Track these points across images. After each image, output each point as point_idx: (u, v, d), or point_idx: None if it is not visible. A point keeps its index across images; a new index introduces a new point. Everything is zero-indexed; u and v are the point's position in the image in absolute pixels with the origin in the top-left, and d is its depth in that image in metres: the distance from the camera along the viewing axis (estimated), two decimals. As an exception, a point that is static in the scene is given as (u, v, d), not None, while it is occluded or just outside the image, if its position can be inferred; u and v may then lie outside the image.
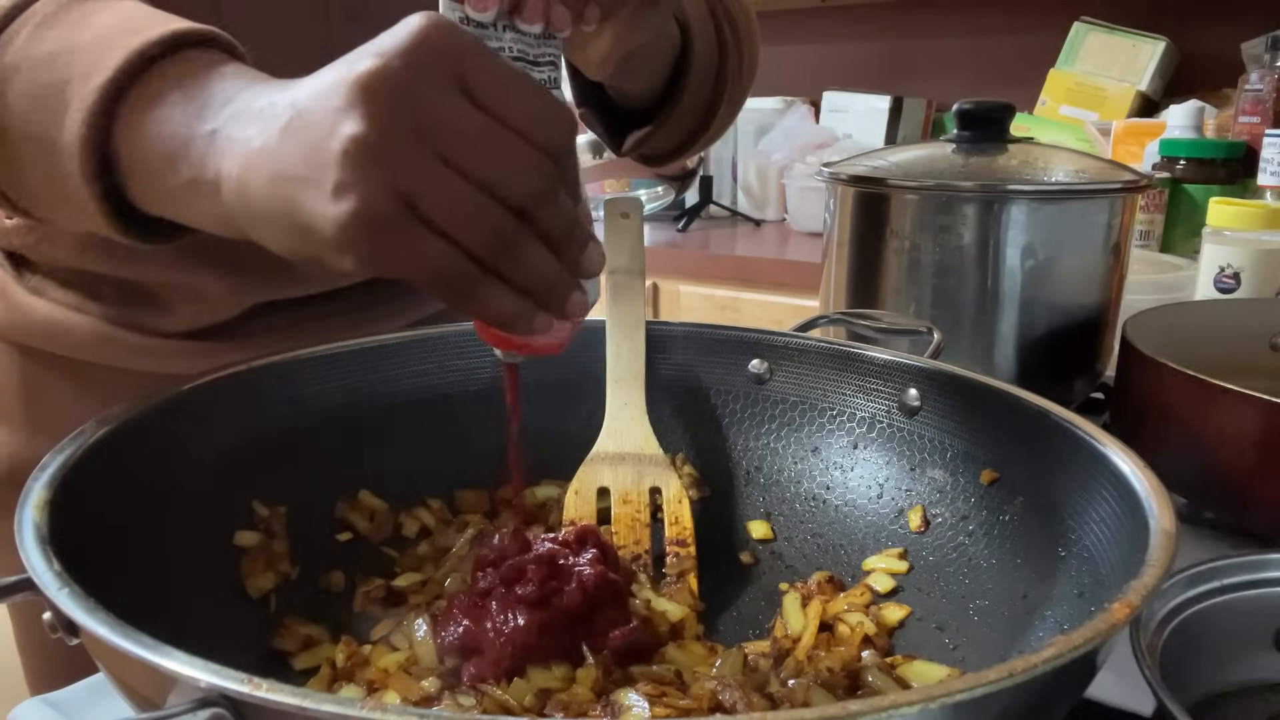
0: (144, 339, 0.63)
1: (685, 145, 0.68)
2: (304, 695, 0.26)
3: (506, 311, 0.35)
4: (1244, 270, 0.93)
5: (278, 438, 0.53)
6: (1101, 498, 0.43)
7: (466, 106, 0.33)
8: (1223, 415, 0.59)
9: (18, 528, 0.35)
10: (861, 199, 0.80)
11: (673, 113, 0.64)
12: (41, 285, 0.64)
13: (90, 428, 0.43)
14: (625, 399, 0.58)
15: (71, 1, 0.43)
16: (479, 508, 0.57)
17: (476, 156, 0.33)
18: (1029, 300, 0.75)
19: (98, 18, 0.42)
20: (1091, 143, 1.64)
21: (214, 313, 0.63)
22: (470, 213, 0.33)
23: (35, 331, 0.64)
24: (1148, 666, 0.38)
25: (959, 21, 2.04)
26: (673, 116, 0.64)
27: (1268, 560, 0.47)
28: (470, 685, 0.42)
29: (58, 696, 0.48)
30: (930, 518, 0.53)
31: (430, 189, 0.33)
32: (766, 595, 0.53)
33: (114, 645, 0.29)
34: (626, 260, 0.60)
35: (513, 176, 0.34)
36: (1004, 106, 0.80)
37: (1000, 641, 0.44)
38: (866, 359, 0.57)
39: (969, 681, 0.27)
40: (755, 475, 0.59)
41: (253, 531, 0.50)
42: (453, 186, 0.33)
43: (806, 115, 2.08)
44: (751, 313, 1.70)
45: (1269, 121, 1.32)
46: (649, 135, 0.65)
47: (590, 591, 0.43)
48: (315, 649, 0.47)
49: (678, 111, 0.64)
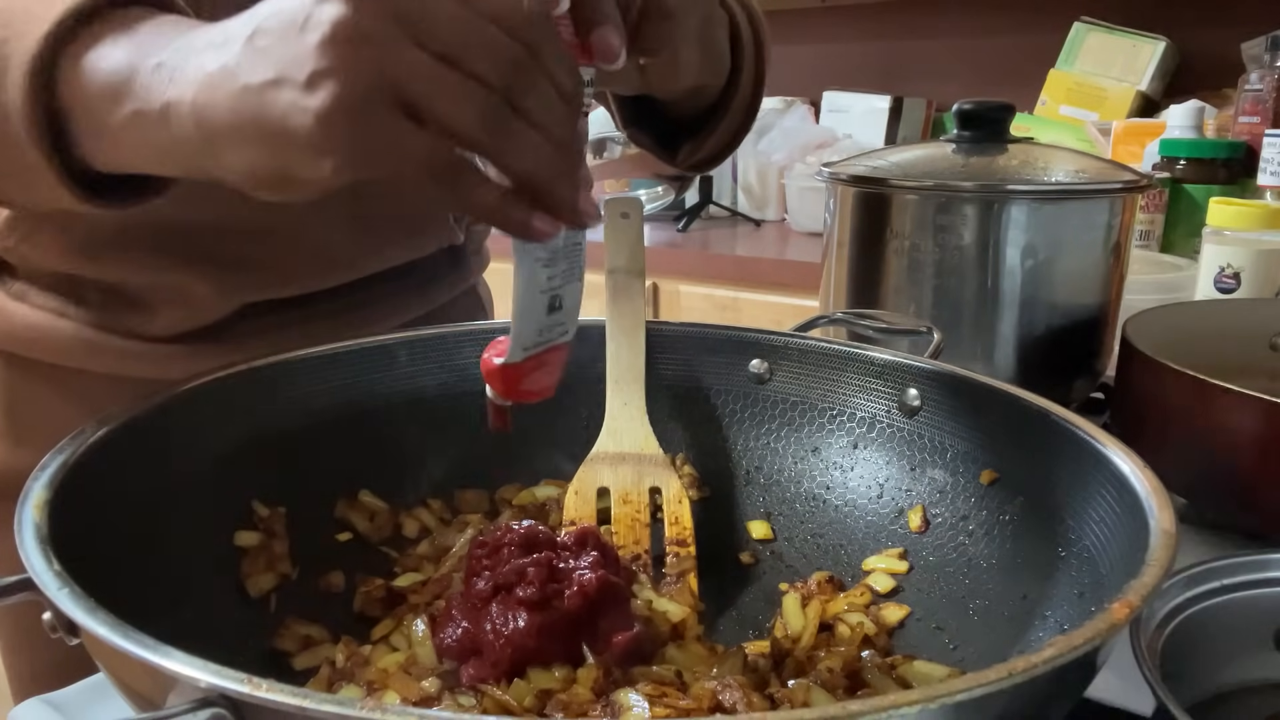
0: (129, 343, 0.62)
1: (729, 146, 0.68)
2: (304, 695, 0.26)
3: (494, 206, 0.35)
4: (1244, 270, 0.93)
5: (278, 438, 0.53)
6: (1101, 498, 0.43)
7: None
8: (1223, 415, 0.59)
9: (18, 528, 0.35)
10: (861, 199, 0.80)
11: (725, 115, 0.64)
12: (23, 291, 0.63)
13: (90, 428, 0.43)
14: (625, 399, 0.58)
15: None
16: (479, 508, 0.57)
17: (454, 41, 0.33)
18: (1029, 300, 0.75)
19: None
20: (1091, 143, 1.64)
21: (200, 315, 0.63)
22: (454, 95, 0.33)
23: (18, 338, 0.63)
24: (1148, 666, 0.38)
25: (959, 21, 2.04)
26: (724, 121, 0.64)
27: (1268, 560, 0.47)
28: (470, 686, 0.42)
29: (58, 696, 0.48)
30: (930, 518, 0.53)
31: (411, 72, 0.32)
32: (766, 595, 0.53)
33: (114, 645, 0.29)
34: (626, 260, 0.60)
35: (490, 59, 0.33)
36: (1004, 106, 0.80)
37: (1000, 641, 0.44)
38: (866, 359, 0.57)
39: (969, 681, 0.27)
40: (755, 475, 0.59)
41: (253, 531, 0.50)
42: (433, 69, 0.33)
43: (806, 115, 2.08)
44: (751, 313, 1.70)
45: (1269, 121, 1.32)
46: (700, 143, 0.65)
47: (591, 596, 0.43)
48: (315, 649, 0.47)
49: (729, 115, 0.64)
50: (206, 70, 0.36)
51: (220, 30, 0.37)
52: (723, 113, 0.63)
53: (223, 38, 0.36)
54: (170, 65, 0.37)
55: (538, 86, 0.34)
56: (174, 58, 0.37)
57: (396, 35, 0.32)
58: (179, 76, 0.37)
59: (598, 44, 0.39)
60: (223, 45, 0.36)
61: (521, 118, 0.34)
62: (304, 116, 0.33)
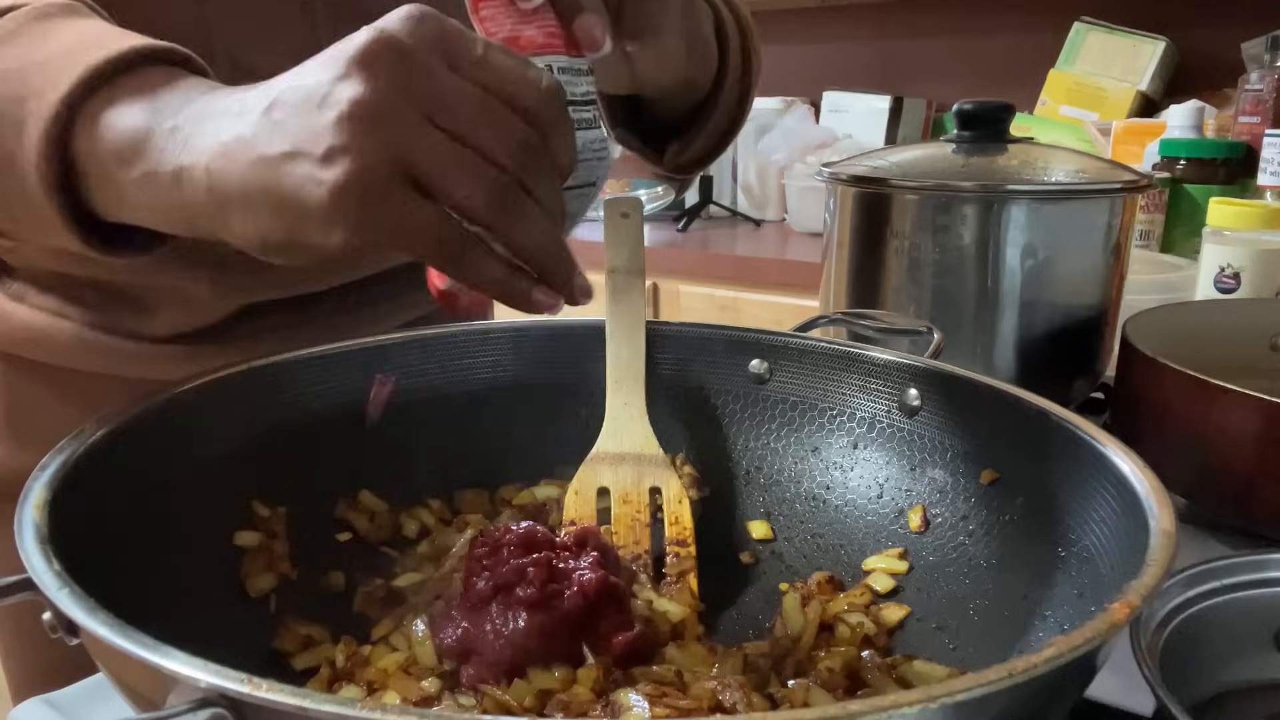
0: (128, 344, 0.62)
1: (718, 147, 0.68)
2: (304, 695, 0.26)
3: (500, 279, 0.36)
4: (1244, 270, 0.93)
5: (278, 438, 0.53)
6: (1101, 498, 0.43)
7: (455, 77, 0.34)
8: (1223, 415, 0.59)
9: (18, 528, 0.35)
10: (861, 199, 0.80)
11: (712, 116, 0.63)
12: (22, 291, 0.63)
13: (90, 427, 0.43)
14: (625, 399, 0.58)
15: (32, 19, 0.42)
16: (479, 508, 0.57)
17: (467, 121, 0.34)
18: (1029, 300, 0.75)
19: (57, 36, 0.42)
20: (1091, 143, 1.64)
21: (199, 316, 0.63)
22: (466, 174, 0.34)
23: (17, 339, 0.63)
24: (1148, 666, 0.38)
25: (959, 21, 2.05)
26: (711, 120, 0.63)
27: (1268, 560, 0.47)
28: (470, 686, 0.42)
29: (58, 696, 0.48)
30: (930, 518, 0.53)
31: (425, 152, 0.33)
32: (766, 595, 0.53)
33: (114, 645, 0.29)
34: (626, 260, 0.60)
35: (502, 140, 0.34)
36: (1004, 106, 0.80)
37: (1000, 641, 0.44)
38: (866, 359, 0.57)
39: (969, 681, 0.27)
40: (755, 475, 0.59)
41: (253, 531, 0.50)
42: (447, 149, 0.34)
43: (806, 115, 2.08)
44: (751, 313, 1.70)
45: (1269, 121, 1.32)
46: (687, 143, 0.64)
47: (591, 596, 0.43)
48: (315, 649, 0.47)
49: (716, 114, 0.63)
50: (222, 139, 0.36)
51: (237, 99, 0.37)
52: (710, 110, 0.62)
53: (239, 107, 0.37)
54: (185, 130, 0.38)
55: (545, 168, 0.36)
56: (189, 123, 0.38)
57: (413, 114, 0.33)
58: (194, 143, 0.37)
59: (581, 32, 0.40)
60: (239, 115, 0.36)
61: (529, 197, 0.35)
62: (318, 190, 0.34)
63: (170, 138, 0.38)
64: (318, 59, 0.36)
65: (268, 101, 0.36)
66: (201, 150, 0.37)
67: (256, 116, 0.36)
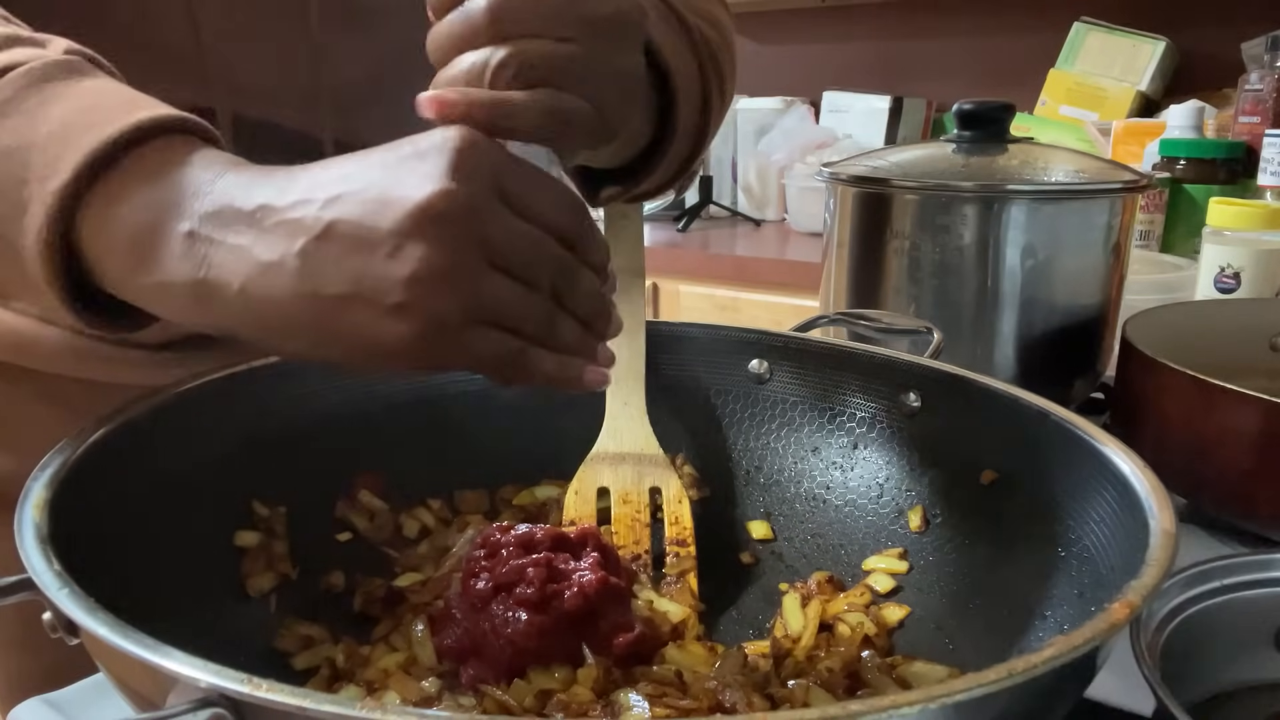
0: (117, 350, 0.61)
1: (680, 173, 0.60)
2: (304, 695, 0.26)
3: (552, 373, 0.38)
4: (1244, 270, 0.93)
5: (278, 438, 0.53)
6: (1101, 498, 0.43)
7: (512, 218, 0.35)
8: (1223, 415, 0.59)
9: (18, 528, 0.35)
10: (861, 199, 0.80)
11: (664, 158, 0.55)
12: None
13: (90, 427, 0.43)
14: (625, 399, 0.58)
15: (30, 85, 0.39)
16: (479, 508, 0.57)
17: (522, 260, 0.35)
18: (1029, 300, 0.75)
19: (56, 106, 0.38)
20: (1091, 143, 1.64)
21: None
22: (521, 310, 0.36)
23: (3, 344, 0.61)
24: (1148, 666, 0.38)
25: (959, 21, 2.05)
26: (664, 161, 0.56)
27: (1268, 560, 0.47)
28: (470, 686, 0.42)
29: (58, 696, 0.48)
30: (930, 518, 0.53)
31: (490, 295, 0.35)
32: (766, 595, 0.53)
33: (114, 645, 0.29)
34: (626, 260, 0.60)
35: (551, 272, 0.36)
36: (1004, 106, 0.80)
37: (1000, 641, 0.44)
38: (866, 359, 0.57)
39: (969, 681, 0.27)
40: (755, 475, 0.59)
41: (253, 531, 0.50)
42: (508, 290, 0.35)
43: (806, 115, 2.08)
44: (751, 313, 1.70)
45: (1269, 121, 1.32)
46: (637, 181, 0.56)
47: (591, 596, 0.43)
48: (315, 649, 0.47)
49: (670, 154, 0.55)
50: (260, 259, 0.35)
51: (261, 207, 0.35)
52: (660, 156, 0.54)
53: (272, 220, 0.35)
54: (204, 238, 0.36)
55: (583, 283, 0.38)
56: (207, 228, 0.36)
57: (480, 265, 0.34)
58: (218, 257, 0.35)
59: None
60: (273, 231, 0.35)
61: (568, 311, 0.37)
62: (383, 335, 0.34)
63: (186, 245, 0.36)
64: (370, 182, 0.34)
65: (317, 228, 0.34)
66: (232, 270, 0.35)
67: (303, 244, 0.34)
